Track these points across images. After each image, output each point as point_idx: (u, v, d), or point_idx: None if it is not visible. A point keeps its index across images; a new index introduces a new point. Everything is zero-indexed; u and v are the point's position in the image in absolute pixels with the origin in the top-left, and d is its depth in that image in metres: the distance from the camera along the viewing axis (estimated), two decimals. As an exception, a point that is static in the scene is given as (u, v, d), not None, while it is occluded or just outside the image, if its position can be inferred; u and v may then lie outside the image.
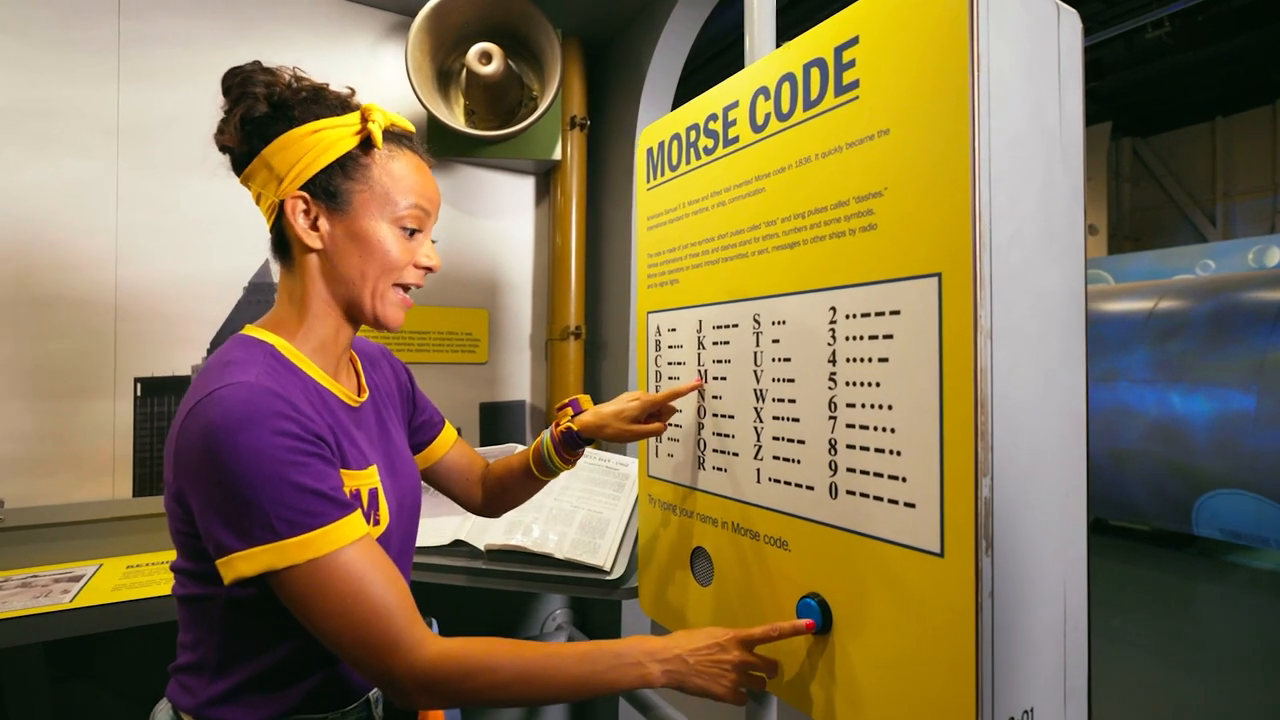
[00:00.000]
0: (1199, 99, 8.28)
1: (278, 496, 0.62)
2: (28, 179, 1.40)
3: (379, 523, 0.76)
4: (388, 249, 0.77)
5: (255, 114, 0.73)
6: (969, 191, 0.65)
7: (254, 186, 0.77)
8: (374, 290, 0.78)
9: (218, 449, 0.62)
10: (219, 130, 0.76)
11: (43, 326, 1.41)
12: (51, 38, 1.42)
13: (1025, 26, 0.69)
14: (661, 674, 0.74)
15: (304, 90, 0.76)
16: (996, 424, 0.65)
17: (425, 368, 1.86)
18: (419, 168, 0.80)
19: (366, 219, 0.76)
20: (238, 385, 0.64)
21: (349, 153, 0.75)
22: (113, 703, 1.42)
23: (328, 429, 0.71)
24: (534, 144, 1.84)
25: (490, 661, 0.68)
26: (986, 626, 0.65)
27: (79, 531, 1.41)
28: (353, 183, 0.75)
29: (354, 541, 0.66)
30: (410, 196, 0.78)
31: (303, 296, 0.77)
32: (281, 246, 0.79)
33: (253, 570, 0.63)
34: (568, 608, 1.94)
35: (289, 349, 0.75)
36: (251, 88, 0.74)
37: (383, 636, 0.65)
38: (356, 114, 0.76)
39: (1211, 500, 4.20)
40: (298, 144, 0.73)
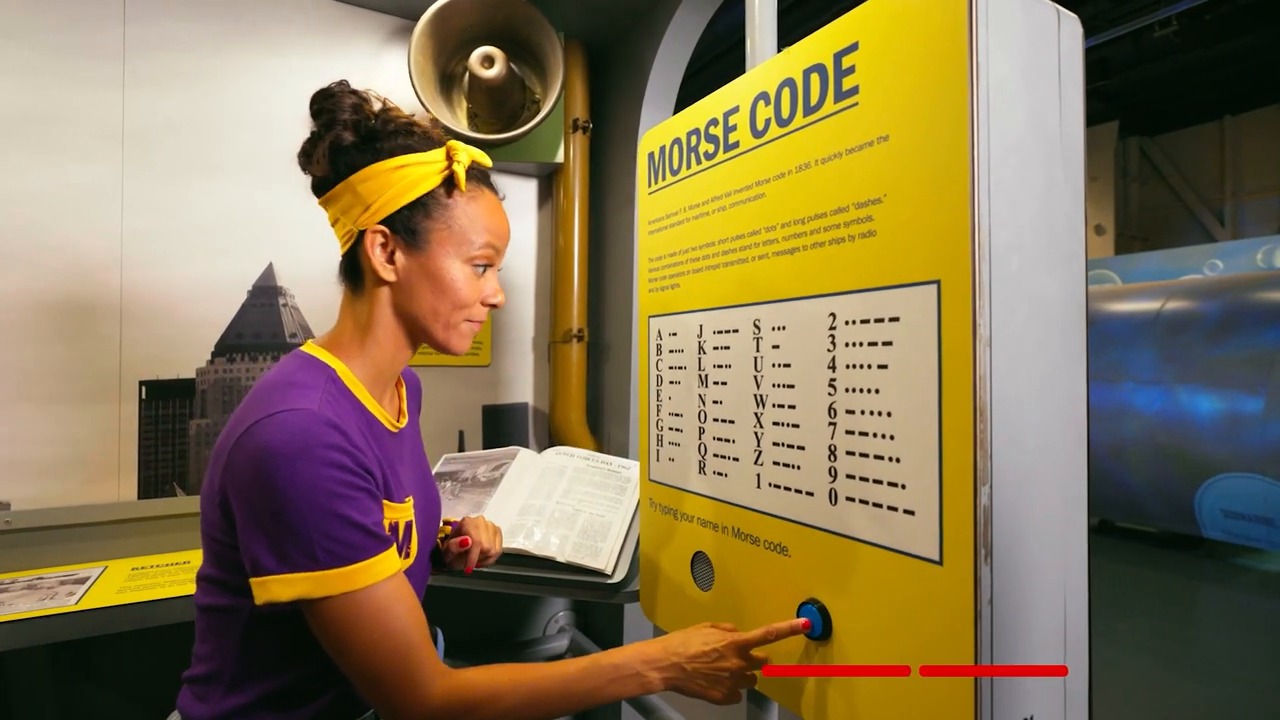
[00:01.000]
0: (1207, 98, 8.23)
1: (324, 527, 0.63)
2: (33, 184, 1.41)
3: (409, 555, 0.77)
4: (459, 288, 0.78)
5: (344, 143, 0.74)
6: (968, 198, 0.65)
7: (333, 211, 0.78)
8: (445, 324, 0.80)
9: (272, 473, 0.63)
10: (305, 154, 0.77)
11: (48, 330, 1.42)
12: (56, 43, 1.43)
13: (1025, 32, 0.69)
14: (660, 680, 0.77)
15: (393, 123, 0.77)
16: (995, 432, 0.65)
17: (428, 370, 1.86)
18: (495, 208, 0.83)
19: (442, 258, 0.78)
20: (300, 412, 0.66)
21: (432, 191, 0.77)
22: (118, 704, 1.43)
23: (376, 462, 0.72)
24: (536, 147, 1.85)
25: (494, 690, 0.70)
26: (986, 634, 0.64)
27: (84, 534, 1.42)
28: (433, 222, 0.77)
29: (389, 577, 0.67)
30: (485, 235, 0.80)
31: (368, 323, 0.79)
32: (353, 271, 0.80)
33: (289, 595, 0.64)
34: (570, 610, 1.94)
35: (346, 373, 0.76)
36: (340, 114, 0.75)
37: (399, 673, 0.66)
38: (441, 151, 0.78)
39: (1216, 484, 4.17)
40: (382, 178, 0.75)
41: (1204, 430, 4.23)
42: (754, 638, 0.80)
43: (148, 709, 1.45)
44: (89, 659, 1.41)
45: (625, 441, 1.88)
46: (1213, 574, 4.50)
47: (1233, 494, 4.12)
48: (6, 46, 1.39)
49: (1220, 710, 2.76)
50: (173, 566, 1.38)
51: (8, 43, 1.39)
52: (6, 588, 1.24)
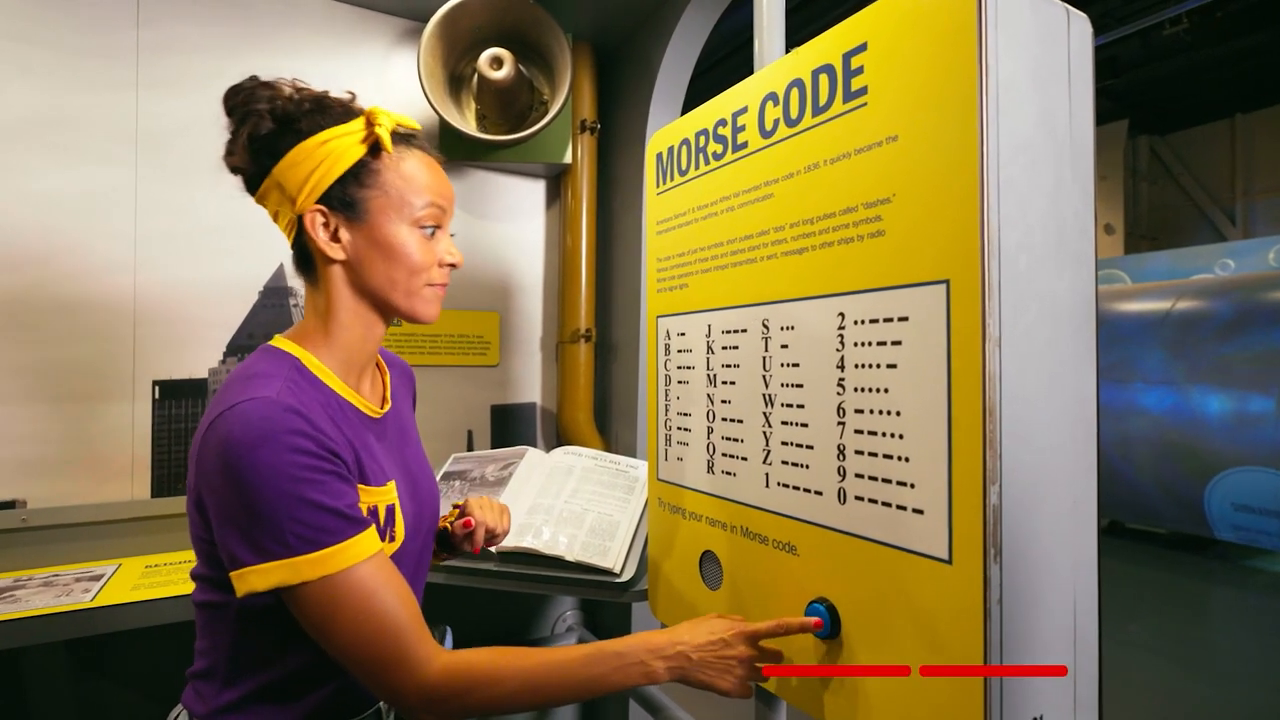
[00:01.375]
0: (1218, 96, 8.16)
1: (293, 513, 0.63)
2: (49, 186, 1.43)
3: (394, 539, 0.77)
4: (410, 252, 0.77)
5: (261, 131, 0.73)
6: (977, 198, 0.65)
7: (270, 205, 0.77)
8: (406, 291, 0.78)
9: (236, 463, 0.63)
10: (228, 152, 0.76)
11: (63, 331, 1.43)
12: (72, 46, 1.45)
13: (1034, 32, 0.69)
14: (666, 670, 0.75)
15: (306, 101, 0.75)
16: (1005, 431, 0.65)
17: (436, 370, 1.87)
18: (430, 166, 0.80)
19: (386, 225, 0.76)
20: (258, 400, 0.65)
21: (360, 160, 0.75)
22: (132, 700, 1.45)
23: (346, 445, 0.71)
24: (545, 148, 1.85)
25: (493, 673, 0.69)
26: (995, 633, 0.64)
27: (99, 532, 1.43)
28: (367, 190, 0.75)
29: (367, 559, 0.67)
30: (425, 195, 0.77)
31: (329, 308, 0.78)
32: (304, 262, 0.79)
33: (265, 585, 0.64)
34: (578, 609, 1.95)
35: (313, 361, 0.76)
36: (255, 104, 0.73)
37: (391, 653, 0.65)
38: (361, 119, 0.76)
39: (1226, 478, 4.14)
40: (308, 158, 0.73)
41: (1214, 429, 4.20)
42: (764, 628, 0.80)
43: (161, 704, 1.46)
44: (104, 655, 1.42)
45: (633, 441, 1.88)
46: (1224, 576, 4.47)
47: (1243, 488, 4.09)
48: (22, 50, 1.41)
49: (1231, 713, 2.74)
50: (185, 564, 1.39)
51: (24, 47, 1.41)
52: (23, 584, 1.26)
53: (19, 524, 1.36)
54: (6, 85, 1.39)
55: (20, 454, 1.40)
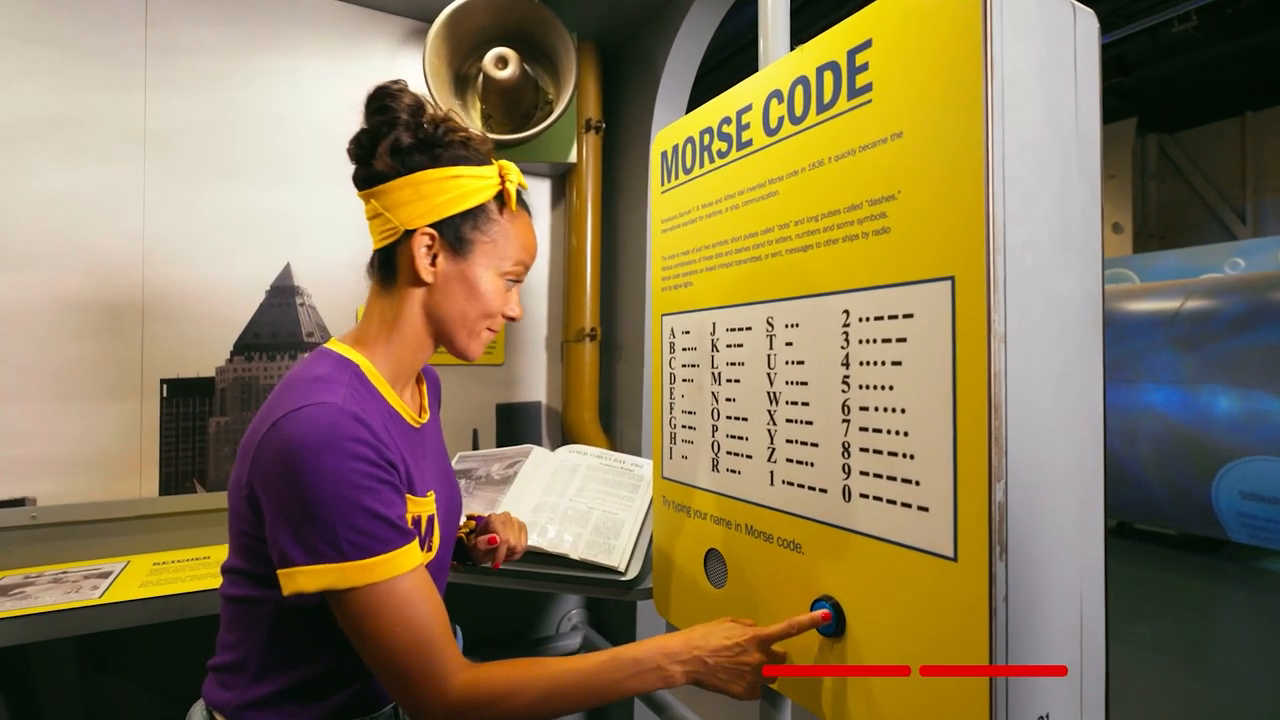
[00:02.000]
0: (1227, 94, 8.10)
1: (349, 519, 0.65)
2: (58, 185, 1.44)
3: (432, 549, 0.79)
4: (491, 298, 0.82)
5: (405, 143, 0.77)
6: (982, 194, 0.65)
7: (377, 205, 0.79)
8: (470, 330, 0.83)
9: (298, 466, 0.64)
10: (360, 145, 0.79)
11: (72, 329, 1.44)
12: (81, 47, 1.46)
13: (1040, 28, 0.69)
14: (682, 674, 0.77)
15: (452, 133, 0.80)
16: (1010, 428, 0.65)
17: (443, 369, 1.88)
18: (531, 229, 0.88)
19: (482, 268, 0.81)
20: (324, 406, 0.67)
21: (484, 204, 0.80)
22: (139, 696, 1.46)
23: (399, 455, 0.73)
24: (549, 147, 1.86)
25: (514, 684, 0.70)
26: (1000, 631, 0.64)
27: (107, 529, 1.44)
28: (480, 234, 0.81)
29: (411, 570, 0.68)
30: (520, 254, 0.85)
31: (396, 320, 0.81)
32: (386, 267, 0.81)
33: (315, 586, 0.65)
34: (583, 608, 1.95)
35: (371, 370, 0.78)
36: (401, 115, 0.77)
37: (421, 665, 0.67)
38: (494, 168, 0.82)
39: (1234, 469, 4.10)
40: (437, 184, 0.77)
41: (1223, 428, 4.17)
42: (776, 632, 0.80)
43: (169, 701, 1.47)
44: (112, 652, 1.43)
45: (638, 440, 1.88)
46: (1234, 577, 4.43)
47: (1251, 476, 4.06)
48: (32, 51, 1.42)
49: (1240, 714, 2.72)
50: (193, 562, 1.40)
51: (33, 47, 1.42)
52: (33, 581, 1.27)
53: (28, 521, 1.38)
54: (15, 85, 1.40)
55: (29, 452, 1.41)
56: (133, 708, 1.45)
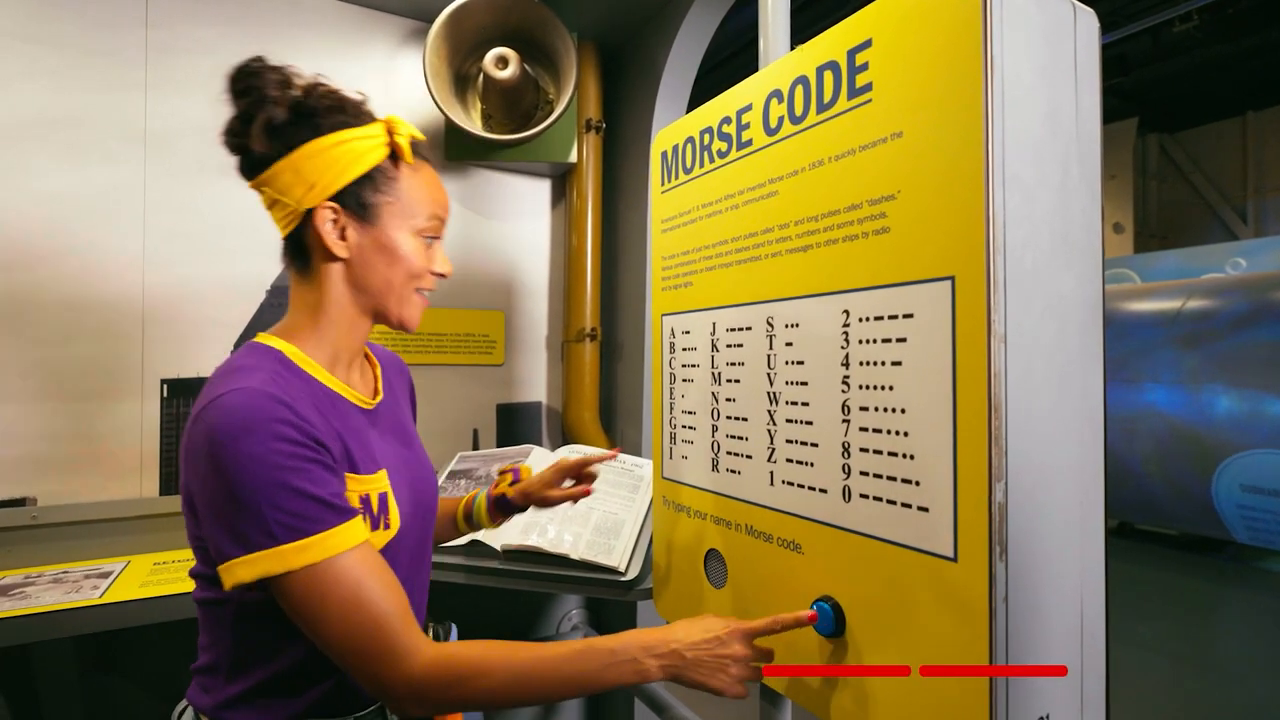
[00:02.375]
0: (1228, 93, 8.09)
1: (276, 502, 0.63)
2: (57, 185, 1.44)
3: (389, 527, 0.77)
4: (412, 258, 0.79)
5: (278, 120, 0.73)
6: (983, 194, 0.65)
7: (270, 192, 0.76)
8: (399, 296, 0.80)
9: (219, 454, 0.63)
10: (232, 131, 0.76)
11: (72, 329, 1.44)
12: (82, 47, 1.46)
13: (1040, 27, 0.69)
14: (659, 669, 0.73)
15: (326, 98, 0.76)
16: (1010, 428, 0.65)
17: (442, 369, 1.88)
18: (436, 180, 0.83)
19: (394, 230, 0.78)
20: (240, 390, 0.65)
21: (379, 165, 0.77)
22: (139, 696, 1.46)
23: (334, 434, 0.71)
24: (550, 147, 1.86)
25: (481, 666, 0.68)
26: (1000, 631, 0.64)
27: (108, 529, 1.45)
28: (382, 195, 0.77)
29: (353, 548, 0.66)
30: (431, 207, 0.81)
31: (320, 303, 0.78)
32: (299, 254, 0.79)
33: (251, 576, 0.63)
34: (583, 608, 1.95)
35: (298, 355, 0.76)
36: (269, 90, 0.73)
37: (377, 644, 0.65)
38: (381, 126, 0.78)
39: (1235, 462, 4.10)
40: (325, 154, 0.74)
41: (1224, 427, 4.16)
42: (759, 626, 0.78)
43: (168, 700, 1.47)
44: (112, 651, 1.43)
45: (638, 440, 1.88)
46: (1235, 577, 4.43)
47: (1252, 469, 4.05)
48: (32, 51, 1.42)
49: (1241, 714, 2.72)
50: (193, 562, 1.40)
51: (34, 47, 1.42)
52: (33, 581, 1.27)
53: (29, 521, 1.38)
54: (15, 85, 1.40)
55: (30, 452, 1.41)
56: (133, 707, 1.45)
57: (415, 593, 0.85)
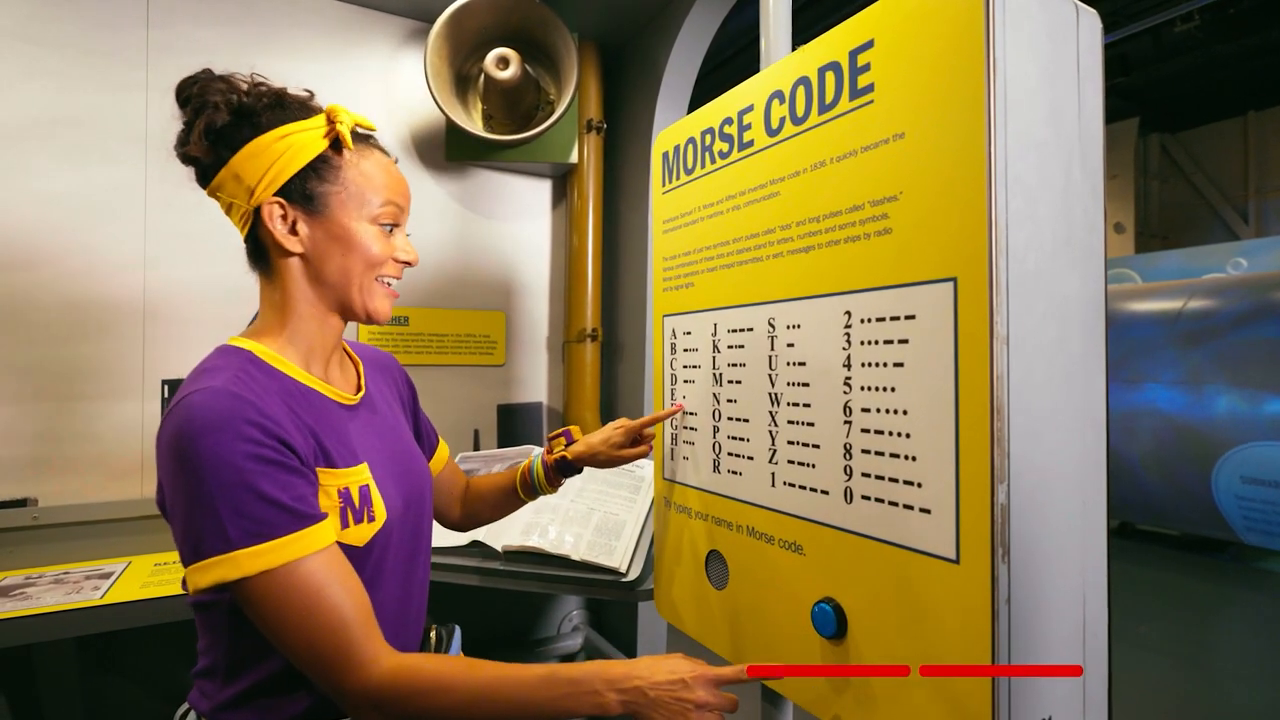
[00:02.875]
0: (1230, 93, 8.08)
1: (235, 503, 0.62)
2: (60, 186, 1.44)
3: (374, 519, 0.76)
4: (369, 246, 0.78)
5: (218, 123, 0.73)
6: (985, 195, 0.64)
7: (224, 197, 0.77)
8: (360, 286, 0.79)
9: (183, 454, 0.63)
10: (180, 142, 0.76)
11: (73, 330, 1.44)
12: (83, 48, 1.46)
13: (1043, 28, 0.68)
14: (619, 703, 0.71)
15: (266, 96, 0.76)
16: (1013, 430, 0.64)
17: (443, 370, 1.88)
18: (388, 165, 0.82)
19: (345, 219, 0.77)
20: (204, 390, 0.65)
21: (320, 155, 0.76)
22: (140, 696, 1.46)
23: (305, 429, 0.71)
24: (551, 147, 1.85)
25: (442, 681, 0.67)
26: (1003, 633, 0.64)
27: (109, 530, 1.45)
28: (328, 185, 0.76)
29: (314, 553, 0.65)
30: (384, 194, 0.79)
31: (284, 301, 0.78)
32: (259, 254, 0.79)
33: (208, 581, 0.63)
34: (584, 609, 1.95)
35: (269, 354, 0.75)
36: (210, 96, 0.73)
37: (335, 651, 0.65)
38: (322, 116, 0.77)
39: (1235, 455, 4.10)
40: (267, 150, 0.73)
41: (1225, 427, 4.16)
42: (727, 675, 0.74)
43: (168, 700, 1.47)
44: (113, 651, 1.43)
45: (639, 441, 1.88)
46: (1237, 578, 4.42)
47: (1252, 461, 4.05)
48: (35, 52, 1.42)
49: (1241, 715, 2.72)
50: (194, 562, 1.40)
51: (36, 49, 1.42)
52: (34, 582, 1.27)
53: (30, 522, 1.38)
54: (17, 86, 1.40)
55: (31, 452, 1.41)
56: (134, 707, 1.45)
57: (413, 591, 0.85)
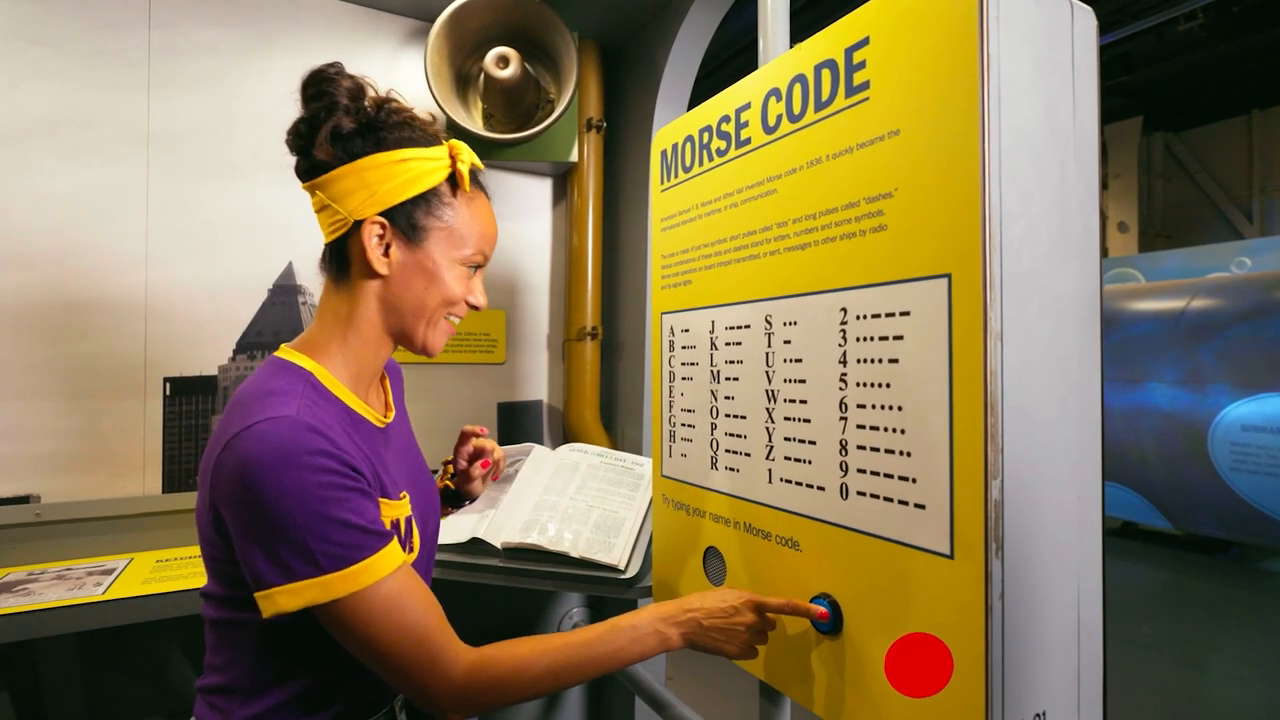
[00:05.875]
0: (1233, 92, 8.06)
1: (320, 532, 0.63)
2: (62, 186, 1.45)
3: (413, 550, 0.78)
4: (451, 285, 0.78)
5: (344, 130, 0.73)
6: (979, 192, 0.65)
7: (323, 196, 0.75)
8: (429, 321, 0.79)
9: (259, 486, 0.62)
10: (298, 134, 0.76)
11: (76, 328, 1.45)
12: (86, 49, 1.47)
13: (1037, 25, 0.69)
14: (679, 637, 0.78)
15: (395, 115, 0.76)
16: (1006, 426, 0.65)
17: (443, 368, 1.88)
18: (489, 212, 0.83)
19: (439, 255, 0.77)
20: (278, 420, 0.65)
21: (435, 188, 0.77)
22: (142, 692, 1.46)
23: (365, 460, 0.72)
24: (551, 146, 1.86)
25: (519, 664, 0.71)
26: (996, 628, 0.64)
27: (111, 526, 1.45)
28: (434, 219, 0.77)
29: (394, 571, 0.68)
30: (480, 242, 0.81)
31: (351, 317, 0.77)
32: (338, 261, 0.78)
33: (296, 605, 0.64)
34: (584, 606, 1.95)
35: (327, 376, 0.75)
36: (340, 99, 0.74)
37: (423, 659, 0.67)
38: (444, 149, 0.77)
39: (1234, 410, 4.11)
40: (384, 169, 0.73)
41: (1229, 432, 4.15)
42: (773, 603, 0.83)
43: (171, 696, 1.48)
44: (115, 648, 1.44)
45: (639, 439, 1.89)
46: (1238, 578, 4.41)
47: (1252, 414, 4.07)
48: (37, 52, 1.43)
49: (1242, 715, 2.71)
50: (196, 559, 1.41)
51: (39, 49, 1.43)
52: (37, 578, 1.28)
53: (33, 519, 1.38)
54: (20, 86, 1.41)
55: (34, 449, 1.42)
56: (136, 704, 1.46)
57: None
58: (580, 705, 1.94)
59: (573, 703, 1.93)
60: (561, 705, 1.92)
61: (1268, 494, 4.08)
